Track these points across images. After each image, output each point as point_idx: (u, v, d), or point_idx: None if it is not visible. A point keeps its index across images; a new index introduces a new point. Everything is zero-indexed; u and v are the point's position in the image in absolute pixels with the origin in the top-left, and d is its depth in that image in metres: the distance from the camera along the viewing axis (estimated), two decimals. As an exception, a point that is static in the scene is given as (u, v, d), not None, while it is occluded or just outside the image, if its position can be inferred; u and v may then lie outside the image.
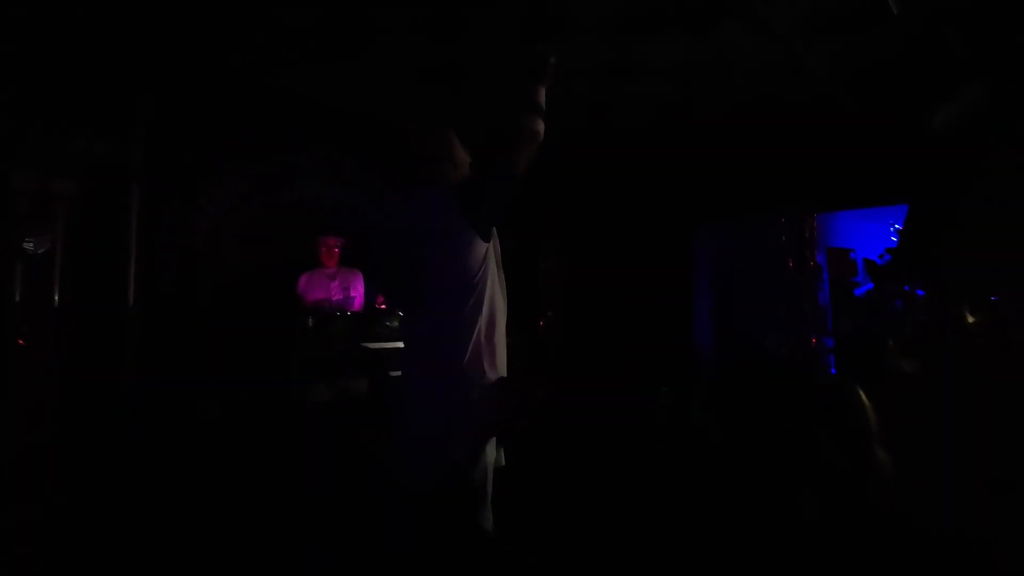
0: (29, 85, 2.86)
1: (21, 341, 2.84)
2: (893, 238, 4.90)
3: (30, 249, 3.09)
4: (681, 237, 5.07)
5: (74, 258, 2.98)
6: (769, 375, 4.54)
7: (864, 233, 5.21)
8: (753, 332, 4.87)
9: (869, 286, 4.89)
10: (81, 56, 2.99)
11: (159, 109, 3.27)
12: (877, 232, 5.03)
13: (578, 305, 5.14)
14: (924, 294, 4.01)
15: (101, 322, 2.99)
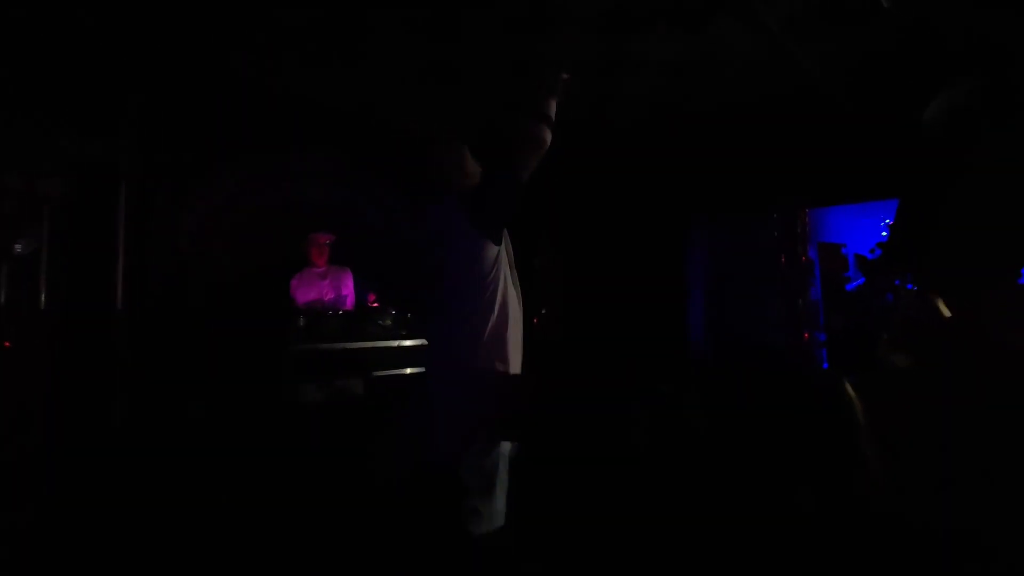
0: (15, 84, 2.82)
1: (7, 344, 2.81)
2: (884, 233, 4.93)
3: (17, 250, 3.05)
4: (675, 233, 5.08)
5: (62, 259, 2.94)
6: (761, 370, 4.56)
7: (855, 228, 5.24)
8: (746, 328, 4.89)
9: (861, 281, 4.92)
10: (69, 54, 2.95)
11: (148, 108, 3.23)
12: (868, 227, 5.06)
13: (573, 302, 5.13)
14: (914, 288, 4.04)
15: (89, 324, 2.96)
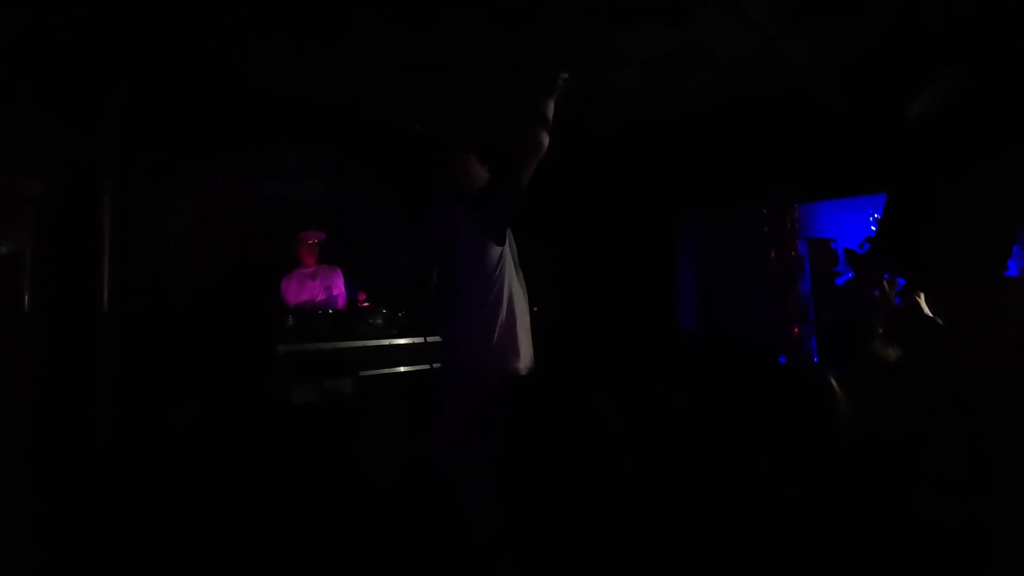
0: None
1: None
2: (872, 227, 4.96)
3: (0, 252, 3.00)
4: (665, 229, 5.08)
5: (45, 260, 2.90)
6: (751, 365, 4.58)
7: (844, 223, 5.27)
8: (736, 322, 4.91)
9: (850, 275, 4.95)
10: (49, 51, 2.89)
11: (131, 106, 3.18)
12: (857, 222, 5.09)
13: (564, 299, 5.13)
14: (903, 283, 4.07)
15: (73, 326, 2.92)
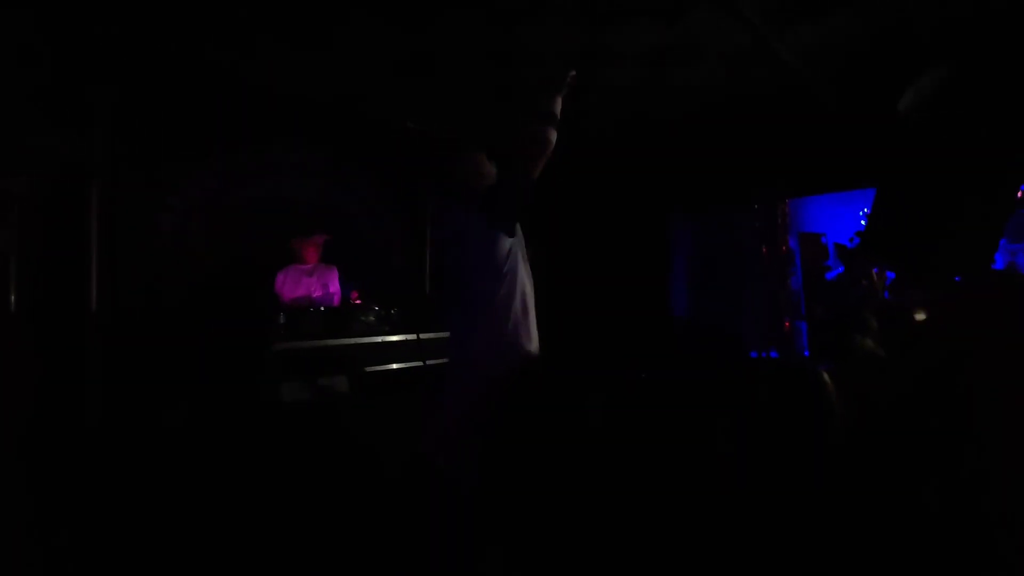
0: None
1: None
2: (862, 222, 4.99)
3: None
4: (658, 226, 5.10)
5: (32, 260, 2.86)
6: (744, 360, 4.61)
7: (835, 218, 5.31)
8: (729, 317, 4.94)
9: (840, 270, 4.99)
10: (35, 46, 2.85)
11: (122, 102, 3.14)
12: (848, 217, 5.13)
13: (557, 295, 5.14)
14: (893, 276, 4.11)
15: (62, 326, 2.89)
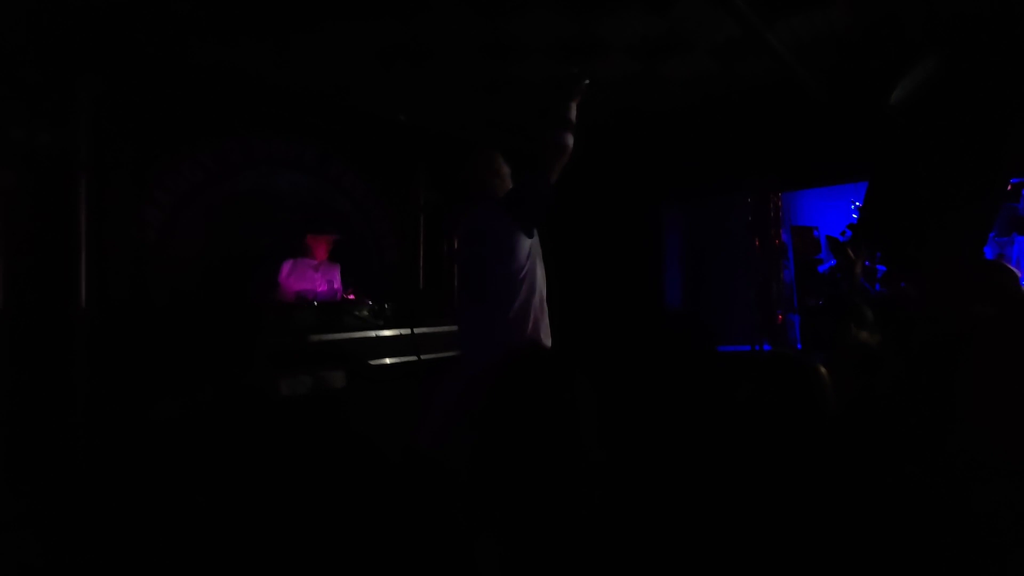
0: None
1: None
2: (854, 215, 5.02)
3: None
4: (650, 219, 5.10)
5: (17, 254, 2.82)
6: (737, 353, 4.63)
7: (827, 211, 5.34)
8: (722, 310, 4.96)
9: (832, 262, 5.01)
10: (16, 36, 2.80)
11: (106, 94, 3.09)
12: (840, 210, 5.16)
13: (550, 287, 5.13)
14: (884, 269, 4.13)
15: (50, 321, 2.85)
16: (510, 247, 2.08)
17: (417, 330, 3.29)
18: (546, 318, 2.21)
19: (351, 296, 3.82)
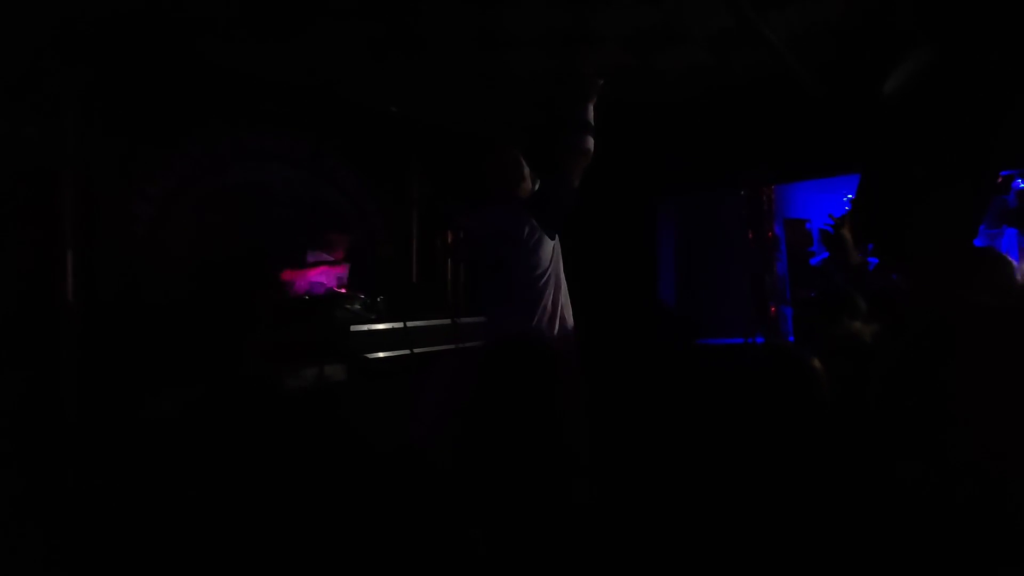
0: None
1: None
2: (846, 208, 5.04)
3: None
4: (643, 212, 5.10)
5: (3, 251, 2.78)
6: (730, 345, 4.65)
7: (820, 203, 5.34)
8: (715, 303, 4.97)
9: (825, 255, 5.03)
10: (2, 28, 2.75)
11: (93, 86, 3.04)
12: (832, 202, 5.16)
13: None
14: (875, 261, 4.15)
15: (36, 320, 2.81)
16: (535, 249, 2.14)
17: (410, 323, 3.27)
18: (570, 316, 2.26)
19: (343, 290, 3.81)
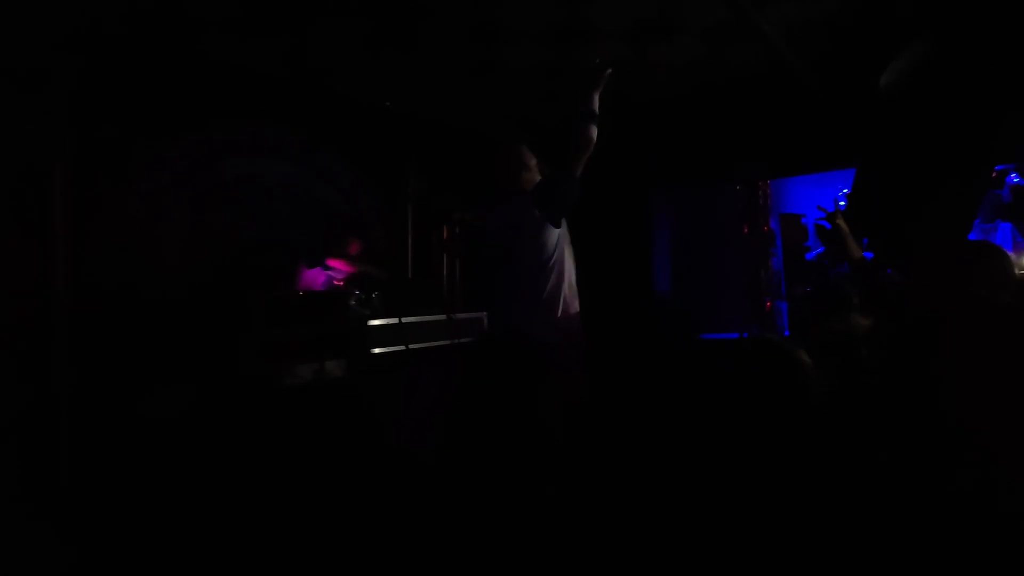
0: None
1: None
2: (841, 203, 5.04)
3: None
4: (638, 207, 5.09)
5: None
6: (724, 339, 4.66)
7: (815, 198, 5.34)
8: (711, 297, 4.98)
9: (820, 250, 5.04)
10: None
11: (84, 75, 2.99)
12: (828, 197, 5.17)
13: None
14: (871, 256, 4.15)
15: (30, 317, 2.78)
16: (540, 239, 2.21)
17: (405, 319, 3.26)
18: (576, 303, 2.32)
19: (339, 284, 3.80)
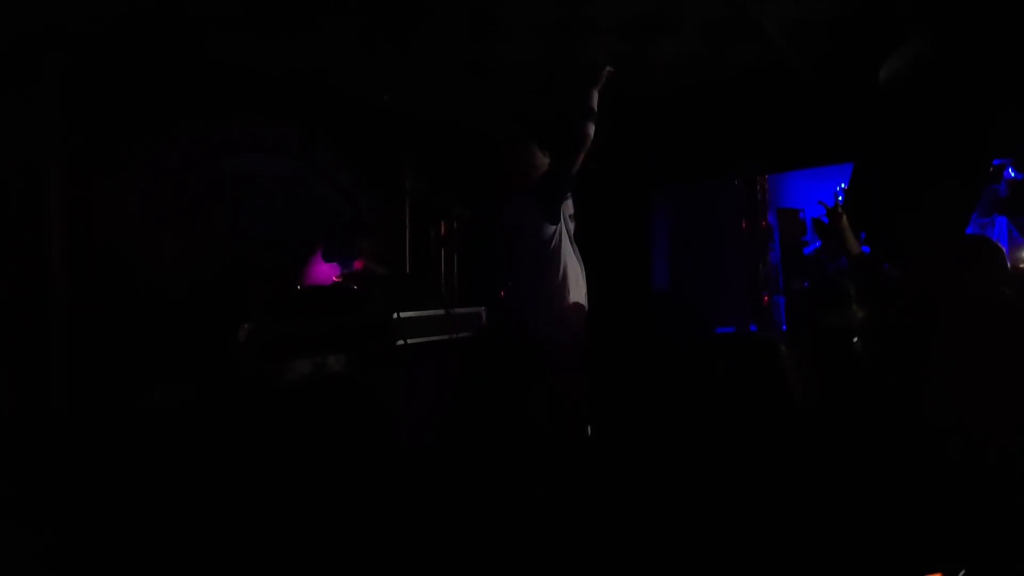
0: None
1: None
2: (839, 197, 5.05)
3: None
4: (638, 202, 5.09)
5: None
6: (721, 334, 4.67)
7: (813, 193, 5.36)
8: (708, 292, 4.99)
9: (818, 244, 5.06)
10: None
11: (77, 71, 2.97)
12: (825, 192, 5.18)
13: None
14: (868, 251, 4.17)
15: (28, 316, 2.78)
16: (540, 233, 2.30)
17: (403, 315, 3.27)
18: (581, 299, 2.40)
19: (337, 279, 3.81)
